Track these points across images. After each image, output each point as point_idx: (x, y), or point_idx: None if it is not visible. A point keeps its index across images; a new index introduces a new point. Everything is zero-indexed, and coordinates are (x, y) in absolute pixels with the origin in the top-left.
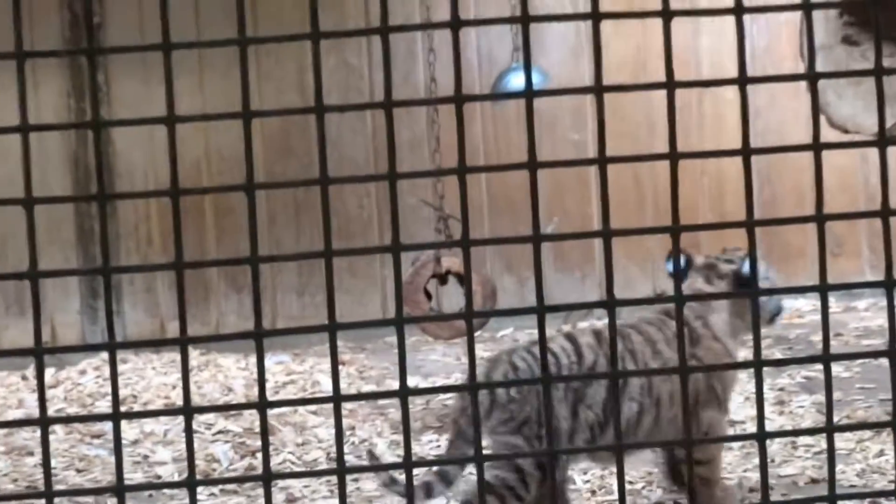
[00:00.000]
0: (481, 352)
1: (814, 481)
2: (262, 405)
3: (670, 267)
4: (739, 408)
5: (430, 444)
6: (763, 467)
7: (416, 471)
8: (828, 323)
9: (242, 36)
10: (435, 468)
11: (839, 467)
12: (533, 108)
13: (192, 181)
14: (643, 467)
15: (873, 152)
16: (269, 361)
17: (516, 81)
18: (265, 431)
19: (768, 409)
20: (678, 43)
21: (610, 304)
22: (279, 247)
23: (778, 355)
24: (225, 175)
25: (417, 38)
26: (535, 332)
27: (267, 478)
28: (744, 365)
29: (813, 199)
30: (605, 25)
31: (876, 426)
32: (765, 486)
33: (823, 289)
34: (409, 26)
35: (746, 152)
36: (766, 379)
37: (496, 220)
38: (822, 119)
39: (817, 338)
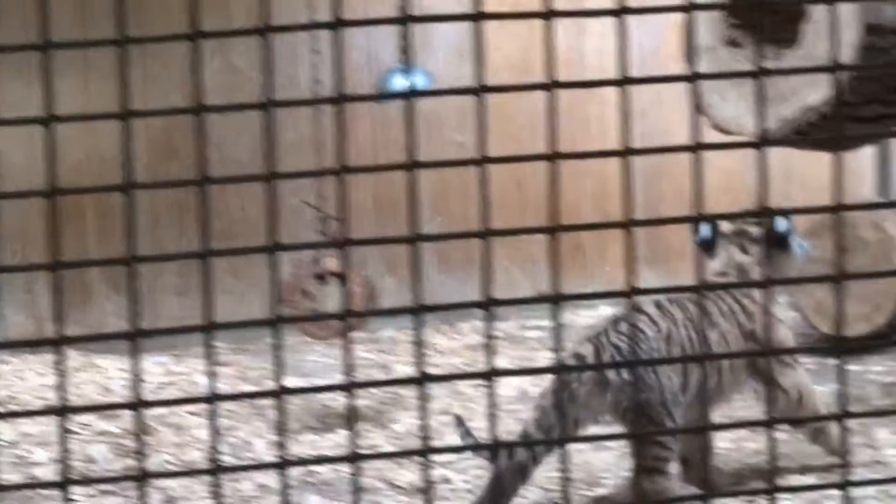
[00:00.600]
0: (361, 352)
1: None
2: (137, 405)
3: (698, 237)
4: None
5: (310, 444)
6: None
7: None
8: (703, 321)
9: (122, 36)
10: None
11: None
12: (413, 108)
13: (74, 183)
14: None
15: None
16: (149, 362)
17: (401, 82)
18: (140, 431)
19: None
20: (564, 44)
21: (487, 303)
22: (162, 248)
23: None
24: (107, 177)
25: (303, 39)
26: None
27: (141, 477)
28: (621, 364)
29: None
30: (491, 26)
31: (753, 425)
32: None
33: (700, 288)
34: (289, 26)
35: (625, 153)
36: None
37: (380, 221)
38: (705, 120)
39: None
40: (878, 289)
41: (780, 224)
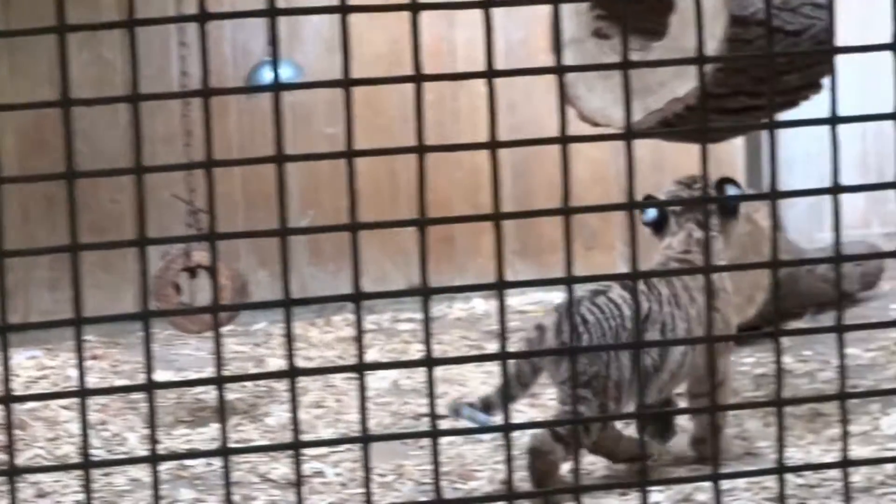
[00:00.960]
0: (234, 346)
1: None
2: (7, 399)
3: (647, 217)
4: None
5: (183, 438)
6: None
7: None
8: (573, 314)
9: None
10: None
11: (590, 459)
12: (281, 101)
13: None
14: (394, 460)
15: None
16: (22, 357)
17: (269, 75)
18: (11, 426)
19: (523, 404)
20: (433, 36)
21: (357, 297)
22: (33, 242)
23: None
24: None
25: (172, 32)
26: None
27: (12, 472)
28: (491, 357)
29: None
30: (361, 19)
31: (622, 418)
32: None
33: (569, 281)
34: (156, 19)
35: (493, 145)
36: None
37: (252, 214)
38: (573, 112)
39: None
40: (749, 281)
41: (732, 192)
